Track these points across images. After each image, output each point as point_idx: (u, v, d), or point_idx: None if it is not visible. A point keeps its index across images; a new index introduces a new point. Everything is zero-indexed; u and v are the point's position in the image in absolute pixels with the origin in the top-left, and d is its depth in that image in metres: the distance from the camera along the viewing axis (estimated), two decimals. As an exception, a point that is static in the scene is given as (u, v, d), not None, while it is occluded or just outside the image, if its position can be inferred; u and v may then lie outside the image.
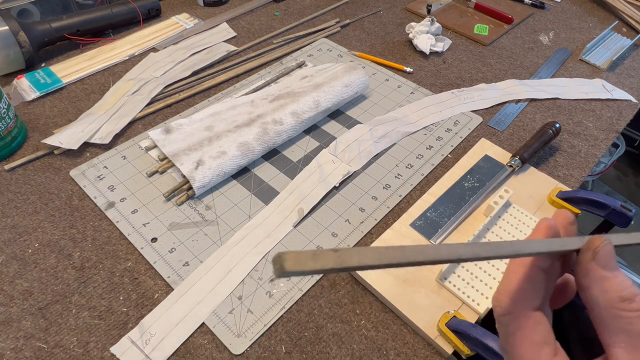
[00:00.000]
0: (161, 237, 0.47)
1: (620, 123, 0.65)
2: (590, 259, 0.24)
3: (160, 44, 0.74)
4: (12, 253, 0.46)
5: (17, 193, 0.51)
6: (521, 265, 0.25)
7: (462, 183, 0.53)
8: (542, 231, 0.25)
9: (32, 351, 0.39)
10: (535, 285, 0.25)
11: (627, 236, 0.25)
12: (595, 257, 0.24)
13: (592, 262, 0.24)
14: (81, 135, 0.56)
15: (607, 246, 0.24)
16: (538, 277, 0.25)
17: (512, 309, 0.25)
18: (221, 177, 0.52)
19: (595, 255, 0.24)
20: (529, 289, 0.25)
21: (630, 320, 0.22)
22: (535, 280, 0.25)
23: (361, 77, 0.63)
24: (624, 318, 0.22)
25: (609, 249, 0.24)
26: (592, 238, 0.24)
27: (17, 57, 0.64)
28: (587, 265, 0.24)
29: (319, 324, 0.42)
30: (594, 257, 0.24)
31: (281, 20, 0.82)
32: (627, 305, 0.22)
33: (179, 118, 0.61)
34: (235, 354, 0.39)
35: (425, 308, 0.42)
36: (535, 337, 0.24)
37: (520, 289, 0.25)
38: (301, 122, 0.57)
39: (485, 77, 0.72)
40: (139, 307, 0.42)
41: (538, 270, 0.25)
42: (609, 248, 0.24)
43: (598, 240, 0.24)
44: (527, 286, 0.25)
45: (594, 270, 0.23)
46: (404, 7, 0.88)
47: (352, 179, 0.54)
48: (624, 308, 0.22)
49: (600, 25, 0.87)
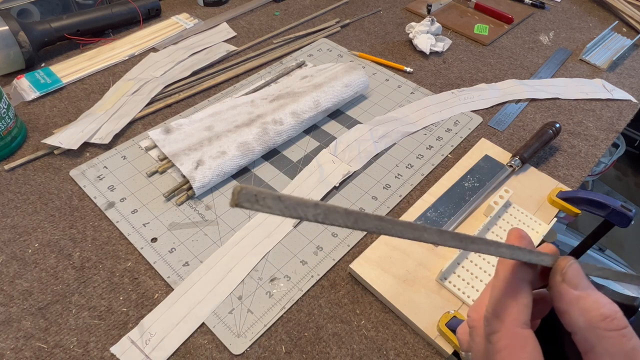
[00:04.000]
0: (161, 237, 0.47)
1: (620, 123, 0.65)
2: (560, 281, 0.23)
3: (160, 44, 0.74)
4: (12, 253, 0.46)
5: (17, 193, 0.51)
6: (504, 280, 0.25)
7: (462, 183, 0.53)
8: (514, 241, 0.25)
9: (32, 351, 0.39)
10: (520, 300, 0.24)
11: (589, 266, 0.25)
12: (565, 278, 0.23)
13: (562, 283, 0.23)
14: (81, 135, 0.56)
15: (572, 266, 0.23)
16: (523, 292, 0.24)
17: (499, 326, 0.24)
18: (221, 177, 0.52)
19: (564, 276, 0.23)
20: (515, 305, 0.24)
21: (614, 340, 0.21)
22: (520, 295, 0.24)
23: (361, 77, 0.63)
24: (609, 338, 0.21)
25: (575, 268, 0.23)
26: (558, 260, 0.24)
27: (17, 57, 0.64)
28: (559, 288, 0.23)
29: (319, 324, 0.42)
30: (564, 279, 0.23)
31: (281, 20, 0.82)
32: (609, 324, 0.21)
33: (179, 118, 0.61)
34: (235, 354, 0.39)
35: (425, 308, 0.42)
36: (523, 357, 0.23)
37: (502, 302, 0.24)
38: (301, 122, 0.57)
39: (485, 77, 0.72)
40: (139, 307, 0.42)
41: (521, 283, 0.24)
42: (575, 267, 0.23)
43: (564, 261, 0.24)
44: (512, 302, 0.24)
45: (567, 292, 0.23)
46: (404, 7, 0.88)
47: (352, 179, 0.54)
48: (606, 327, 0.21)
49: (600, 25, 0.87)
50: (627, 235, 1.33)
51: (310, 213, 0.17)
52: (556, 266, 0.24)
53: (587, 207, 0.50)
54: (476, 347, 0.27)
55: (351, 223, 0.18)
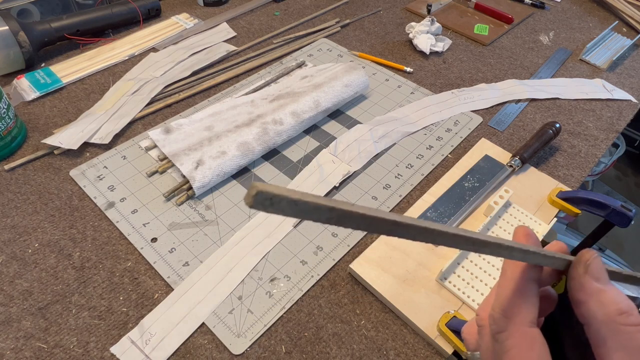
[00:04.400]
0: (161, 237, 0.47)
1: (620, 123, 0.65)
2: (583, 272, 0.23)
3: (160, 44, 0.74)
4: (12, 253, 0.46)
5: (17, 193, 0.51)
6: (511, 279, 0.25)
7: (462, 183, 0.53)
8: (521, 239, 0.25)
9: (32, 351, 0.39)
10: (528, 299, 0.24)
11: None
12: (588, 270, 0.23)
13: (585, 275, 0.23)
14: (81, 135, 0.56)
15: (597, 259, 0.24)
16: (530, 291, 0.24)
17: (508, 326, 0.24)
18: (221, 177, 0.52)
19: (588, 268, 0.23)
20: (522, 304, 0.24)
21: (631, 335, 0.21)
22: (528, 294, 0.24)
23: (361, 77, 0.63)
24: (625, 333, 0.21)
25: (599, 261, 0.24)
26: (582, 252, 0.24)
27: (17, 57, 0.64)
28: (581, 279, 0.23)
29: (319, 324, 0.42)
30: (587, 270, 0.23)
31: (281, 20, 0.82)
32: (625, 319, 0.22)
33: (179, 118, 0.61)
34: (235, 354, 0.39)
35: (425, 308, 0.42)
36: (531, 356, 0.23)
37: (513, 302, 0.24)
38: (301, 122, 0.57)
39: (485, 77, 0.72)
40: (139, 307, 0.42)
41: (530, 283, 0.24)
42: (599, 261, 0.24)
43: (588, 253, 0.24)
44: (520, 301, 0.24)
45: (589, 283, 0.23)
46: (404, 7, 0.88)
47: (352, 179, 0.54)
48: (623, 322, 0.22)
49: (600, 25, 0.87)
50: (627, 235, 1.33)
51: (324, 217, 0.16)
52: (579, 257, 0.24)
53: (587, 207, 0.50)
54: (484, 346, 0.27)
55: (365, 227, 0.17)
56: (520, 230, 0.26)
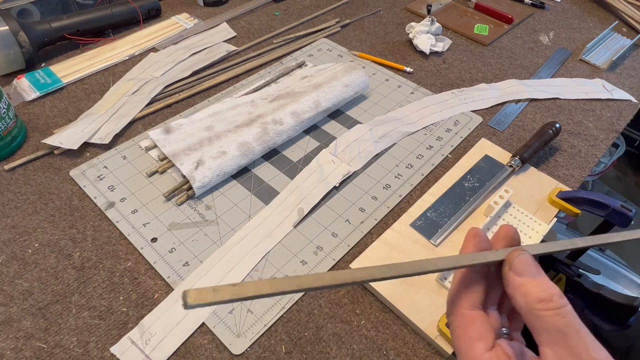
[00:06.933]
0: (161, 237, 0.47)
1: (620, 123, 0.65)
2: (508, 270, 0.27)
3: (160, 44, 0.74)
4: (12, 253, 0.46)
5: (17, 193, 0.51)
6: (458, 274, 0.29)
7: (462, 183, 0.53)
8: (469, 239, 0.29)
9: (32, 351, 0.39)
10: (470, 287, 0.28)
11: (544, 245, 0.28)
12: (512, 267, 0.26)
13: (509, 272, 0.26)
14: (81, 135, 0.56)
15: (521, 256, 0.27)
16: (472, 280, 0.28)
17: (453, 310, 0.28)
18: (221, 177, 0.52)
19: (512, 265, 0.26)
20: (463, 291, 0.28)
21: (547, 319, 0.24)
22: (470, 283, 0.28)
23: (361, 77, 0.63)
24: (542, 317, 0.24)
25: (523, 257, 0.26)
26: (510, 252, 0.27)
27: (17, 57, 0.64)
28: (506, 275, 0.27)
29: (319, 324, 0.42)
30: (511, 267, 0.26)
31: (281, 20, 0.82)
32: (544, 305, 0.24)
33: (179, 118, 0.61)
34: (235, 354, 0.39)
35: (425, 308, 0.42)
36: (470, 333, 0.27)
37: (458, 291, 0.28)
38: (301, 122, 0.57)
39: (485, 77, 0.72)
40: (139, 307, 0.42)
41: (471, 274, 0.28)
42: (524, 257, 0.26)
43: (513, 252, 0.27)
44: (462, 288, 0.28)
45: (512, 278, 0.26)
46: (404, 7, 0.88)
47: (352, 179, 0.54)
48: (541, 308, 0.24)
49: (600, 25, 0.87)
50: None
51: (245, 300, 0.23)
52: (507, 257, 0.27)
53: (587, 207, 0.50)
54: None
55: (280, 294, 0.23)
56: (470, 231, 0.29)
